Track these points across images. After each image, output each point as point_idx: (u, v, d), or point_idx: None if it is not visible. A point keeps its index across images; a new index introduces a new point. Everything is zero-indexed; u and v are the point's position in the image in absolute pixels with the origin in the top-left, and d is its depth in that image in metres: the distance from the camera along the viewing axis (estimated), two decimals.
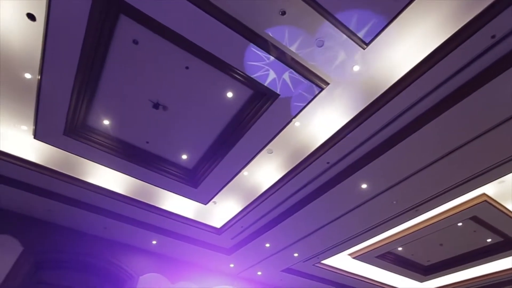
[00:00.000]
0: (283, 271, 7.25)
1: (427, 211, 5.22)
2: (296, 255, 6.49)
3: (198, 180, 5.09)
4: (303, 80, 3.55)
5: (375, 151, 4.15)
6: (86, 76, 3.73)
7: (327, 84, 3.65)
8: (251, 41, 3.21)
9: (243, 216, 5.58)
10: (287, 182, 4.74)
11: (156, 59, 3.57)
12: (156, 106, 3.97)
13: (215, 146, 4.60)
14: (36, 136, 4.46)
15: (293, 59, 3.39)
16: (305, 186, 4.80)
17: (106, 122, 4.39)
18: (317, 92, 3.70)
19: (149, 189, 5.42)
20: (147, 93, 3.95)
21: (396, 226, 5.60)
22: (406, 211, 5.11)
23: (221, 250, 6.66)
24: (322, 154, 4.28)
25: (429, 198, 4.82)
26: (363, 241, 6.10)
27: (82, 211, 5.51)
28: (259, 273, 7.39)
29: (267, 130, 4.14)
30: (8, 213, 5.66)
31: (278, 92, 3.69)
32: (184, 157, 4.87)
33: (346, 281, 7.78)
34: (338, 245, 6.16)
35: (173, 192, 5.37)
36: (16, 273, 5.22)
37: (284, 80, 3.56)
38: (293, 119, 4.03)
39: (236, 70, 3.52)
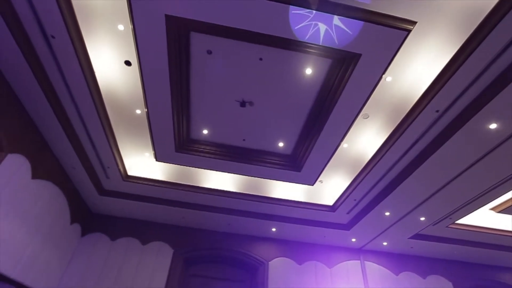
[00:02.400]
0: (411, 238, 6.71)
1: None
2: (422, 219, 5.91)
3: (299, 163, 5.16)
4: (384, 29, 3.16)
5: (499, 82, 3.39)
6: (179, 98, 4.22)
7: (414, 23, 3.14)
8: (317, 9, 3.04)
9: (354, 189, 5.39)
10: (394, 143, 4.34)
11: (231, 61, 3.75)
12: (243, 104, 4.19)
13: (308, 126, 4.57)
14: (157, 158, 5.30)
15: (367, 11, 3.05)
16: (416, 142, 4.30)
17: (205, 131, 4.88)
18: (403, 37, 3.24)
19: (257, 182, 5.80)
20: (232, 95, 4.20)
21: None
22: None
23: (338, 226, 6.62)
24: (427, 103, 3.75)
25: None
26: (509, 191, 5.09)
27: (208, 213, 6.31)
28: (385, 243, 7.04)
29: (357, 95, 3.87)
30: (157, 224, 6.96)
31: (359, 51, 3.39)
32: (281, 144, 5.00)
33: (494, 239, 6.67)
34: (473, 201, 5.31)
35: (280, 180, 5.59)
36: (174, 270, 6.37)
37: (363, 36, 3.24)
38: (383, 75, 3.65)
39: (307, 44, 3.39)
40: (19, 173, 4.29)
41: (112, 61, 3.84)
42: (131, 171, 5.73)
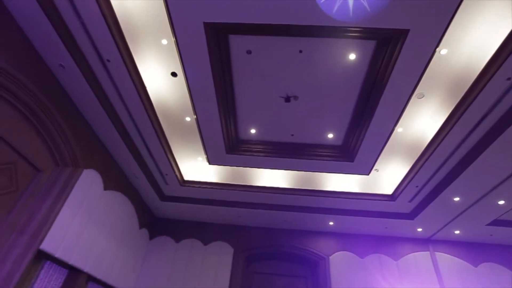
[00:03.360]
0: (489, 224, 6.02)
1: None
2: (501, 203, 5.26)
3: (352, 153, 4.97)
4: None
5: None
6: (225, 101, 4.34)
7: None
8: None
9: (414, 175, 5.02)
10: (457, 120, 3.93)
11: (271, 57, 3.75)
12: (287, 99, 4.16)
13: (357, 114, 4.38)
14: (210, 162, 5.52)
15: None
16: (485, 116, 3.84)
17: (253, 131, 4.95)
18: (458, 2, 2.91)
19: (310, 176, 5.72)
20: (276, 91, 4.20)
21: None
22: None
23: (401, 216, 6.22)
24: (495, 71, 3.33)
25: None
26: None
27: (262, 210, 6.40)
28: (457, 232, 6.43)
29: (409, 74, 3.59)
30: (216, 225, 7.27)
31: (406, 26, 3.14)
32: (330, 136, 4.87)
33: None
34: None
35: (333, 172, 5.45)
36: (236, 268, 6.58)
37: (409, 8, 3.00)
38: (437, 49, 3.33)
39: (347, 28, 3.24)
40: (94, 185, 4.81)
41: (159, 74, 4.10)
42: (187, 176, 6.06)
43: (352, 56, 3.62)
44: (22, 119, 3.67)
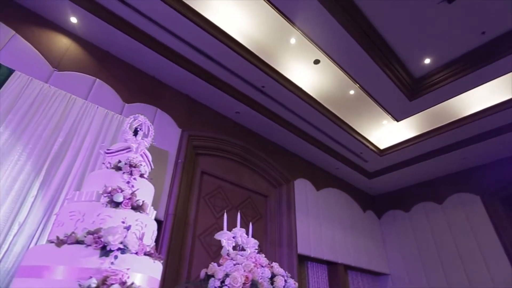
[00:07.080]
0: None
1: None
2: None
3: None
4: None
5: None
6: (377, 51, 3.86)
7: None
8: None
9: None
10: None
11: None
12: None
13: None
14: (398, 119, 4.97)
15: None
16: None
17: (427, 61, 4.10)
18: None
19: None
20: (429, 0, 3.36)
21: None
22: None
23: None
24: None
25: None
26: None
27: (491, 139, 5.02)
28: None
29: None
30: (439, 179, 6.34)
31: None
32: None
33: None
34: None
35: None
36: (496, 217, 5.37)
37: None
38: None
39: None
40: (307, 190, 5.43)
41: (305, 70, 4.21)
42: (382, 145, 5.70)
43: None
44: (239, 165, 4.69)
